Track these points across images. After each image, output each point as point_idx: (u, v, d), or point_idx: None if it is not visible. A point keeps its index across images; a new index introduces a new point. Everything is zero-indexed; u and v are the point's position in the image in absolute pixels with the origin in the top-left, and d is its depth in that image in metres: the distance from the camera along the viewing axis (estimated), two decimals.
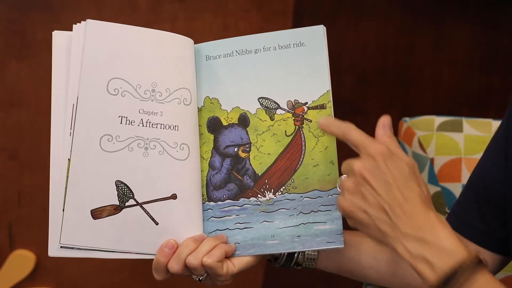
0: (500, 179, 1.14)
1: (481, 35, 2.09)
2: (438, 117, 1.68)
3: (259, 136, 1.11)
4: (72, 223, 1.06)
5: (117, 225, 1.06)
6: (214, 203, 1.11)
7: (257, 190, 1.10)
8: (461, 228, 1.19)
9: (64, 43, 1.07)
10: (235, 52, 1.12)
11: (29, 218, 2.10)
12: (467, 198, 1.20)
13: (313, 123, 1.10)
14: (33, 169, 2.08)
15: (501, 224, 1.14)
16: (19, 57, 2.01)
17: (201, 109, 1.12)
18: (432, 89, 2.15)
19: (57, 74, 1.07)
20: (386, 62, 2.13)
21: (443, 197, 1.64)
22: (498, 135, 1.17)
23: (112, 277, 2.17)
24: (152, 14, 2.01)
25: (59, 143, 1.06)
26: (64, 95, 1.06)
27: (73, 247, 1.06)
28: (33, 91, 2.03)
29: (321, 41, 1.10)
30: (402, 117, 1.77)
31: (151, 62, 1.08)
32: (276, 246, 1.09)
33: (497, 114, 1.60)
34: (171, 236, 1.08)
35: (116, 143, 1.06)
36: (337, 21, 2.09)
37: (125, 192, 1.07)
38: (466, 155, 1.62)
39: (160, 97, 1.08)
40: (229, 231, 1.10)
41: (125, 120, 1.07)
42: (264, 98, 1.11)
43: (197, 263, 1.05)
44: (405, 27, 2.11)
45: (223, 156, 1.12)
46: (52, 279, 2.16)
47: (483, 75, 2.12)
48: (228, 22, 2.04)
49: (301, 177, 1.09)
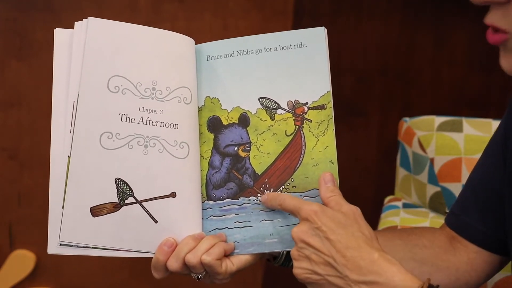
0: (498, 180, 1.14)
1: (481, 35, 2.09)
2: (438, 117, 1.68)
3: (259, 136, 1.11)
4: (72, 220, 1.06)
5: (116, 222, 1.07)
6: (214, 202, 1.11)
7: (257, 189, 1.10)
8: (460, 229, 1.19)
9: (65, 41, 1.07)
10: (236, 53, 1.12)
11: (29, 218, 2.10)
12: (466, 198, 1.20)
13: (313, 123, 1.10)
14: (33, 169, 2.08)
15: (500, 224, 1.14)
16: (19, 57, 2.02)
17: (202, 108, 1.12)
18: (432, 89, 2.15)
19: (58, 71, 1.07)
20: (386, 62, 2.13)
21: (443, 197, 1.64)
22: (496, 136, 1.17)
23: (112, 277, 2.17)
24: (152, 14, 2.01)
25: (59, 140, 1.06)
26: (65, 93, 1.06)
27: (72, 245, 1.06)
28: (33, 91, 2.03)
29: (322, 42, 1.10)
30: (402, 117, 1.77)
31: (152, 60, 1.08)
32: (275, 244, 1.09)
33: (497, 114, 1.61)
34: (170, 234, 1.08)
35: (116, 140, 1.07)
36: (337, 21, 2.10)
37: (125, 190, 1.07)
38: (466, 155, 1.62)
39: (161, 96, 1.08)
40: (228, 230, 1.10)
41: (125, 118, 1.07)
42: (265, 98, 1.11)
43: (196, 261, 1.05)
44: (405, 27, 2.11)
45: (223, 155, 1.12)
46: (52, 279, 2.17)
47: (483, 75, 2.12)
48: (228, 22, 2.04)
49: (301, 176, 1.09)
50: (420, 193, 1.68)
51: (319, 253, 0.99)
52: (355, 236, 0.98)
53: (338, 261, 0.97)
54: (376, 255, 0.96)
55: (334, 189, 1.04)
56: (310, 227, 0.99)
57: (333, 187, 1.05)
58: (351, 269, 0.96)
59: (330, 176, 1.06)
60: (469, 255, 1.18)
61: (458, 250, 1.18)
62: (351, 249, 0.97)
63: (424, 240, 1.20)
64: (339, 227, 0.98)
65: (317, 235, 0.99)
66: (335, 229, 0.98)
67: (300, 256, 1.00)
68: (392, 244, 1.18)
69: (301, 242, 1.00)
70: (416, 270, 1.17)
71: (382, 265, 0.96)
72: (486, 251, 1.17)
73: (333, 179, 1.06)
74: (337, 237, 0.98)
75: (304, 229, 1.00)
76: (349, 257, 0.97)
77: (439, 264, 1.18)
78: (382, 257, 0.96)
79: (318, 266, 0.99)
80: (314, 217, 0.99)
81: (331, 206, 1.02)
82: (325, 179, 1.05)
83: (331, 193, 1.04)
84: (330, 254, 0.98)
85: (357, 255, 0.97)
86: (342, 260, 0.97)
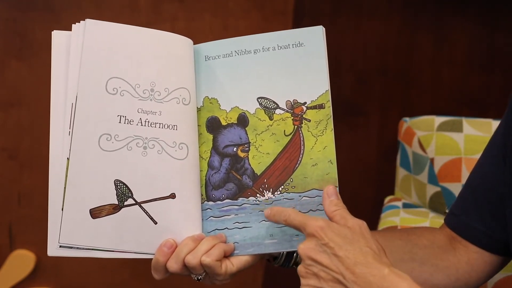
0: (498, 181, 1.14)
1: (481, 35, 2.09)
2: (438, 117, 1.68)
3: (258, 136, 1.11)
4: (71, 222, 1.06)
5: (116, 224, 1.07)
6: (213, 203, 1.11)
7: (256, 190, 1.10)
8: (460, 229, 1.19)
9: (63, 43, 1.07)
10: (234, 52, 1.12)
11: (29, 218, 2.10)
12: (466, 198, 1.20)
13: (312, 123, 1.10)
14: (33, 169, 2.08)
15: (500, 225, 1.14)
16: (19, 57, 2.02)
17: (200, 109, 1.12)
18: (432, 89, 2.15)
19: (56, 73, 1.07)
20: (386, 62, 2.13)
21: (443, 197, 1.64)
22: (496, 137, 1.17)
23: (112, 277, 2.17)
24: (152, 14, 2.01)
25: (58, 142, 1.06)
26: (63, 95, 1.07)
27: (72, 247, 1.06)
28: (33, 91, 2.03)
29: (320, 41, 1.10)
30: (402, 117, 1.77)
31: (150, 61, 1.08)
32: (275, 245, 1.09)
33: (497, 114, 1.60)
34: (170, 236, 1.08)
35: (115, 142, 1.07)
36: (337, 21, 2.10)
37: (124, 191, 1.07)
38: (466, 155, 1.62)
39: (159, 97, 1.08)
40: (228, 230, 1.10)
41: (124, 120, 1.07)
42: (263, 98, 1.11)
43: (195, 262, 1.05)
44: (405, 27, 2.11)
45: (222, 156, 1.12)
46: (52, 279, 2.17)
47: (483, 75, 2.11)
48: (228, 22, 2.04)
49: (300, 176, 1.09)
50: (420, 193, 1.68)
51: (328, 270, 0.97)
52: (363, 251, 0.97)
53: (348, 278, 0.95)
54: (386, 270, 0.95)
55: (338, 202, 1.03)
56: (317, 243, 0.98)
57: (337, 200, 1.03)
58: (361, 285, 0.95)
59: (333, 189, 1.05)
60: (469, 255, 1.18)
61: (458, 250, 1.18)
62: (360, 265, 0.95)
63: (424, 240, 1.20)
64: (346, 243, 0.97)
65: (325, 251, 0.97)
66: (343, 245, 0.97)
67: (308, 273, 0.99)
68: (392, 244, 1.18)
69: (308, 259, 0.98)
70: (416, 270, 1.17)
71: (393, 280, 0.94)
72: (486, 252, 1.17)
73: (336, 192, 1.05)
74: (345, 253, 0.96)
75: (311, 246, 0.98)
76: (359, 273, 0.95)
77: (439, 264, 1.18)
78: (393, 272, 0.95)
79: (326, 283, 0.97)
80: (321, 233, 0.98)
81: (336, 220, 1.01)
82: (328, 193, 1.04)
83: (335, 207, 1.02)
84: (339, 271, 0.96)
85: (366, 271, 0.95)
86: (351, 277, 0.95)
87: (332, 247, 0.97)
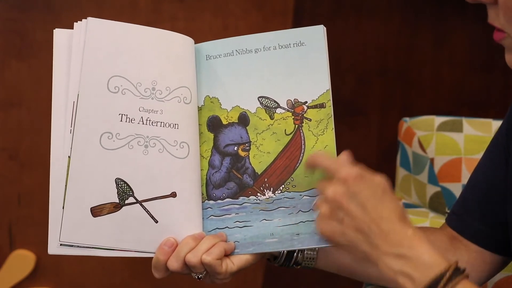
0: (500, 180, 1.14)
1: (481, 35, 2.09)
2: (438, 117, 1.68)
3: (259, 135, 1.11)
4: (72, 220, 1.05)
5: (117, 222, 1.06)
6: (214, 202, 1.11)
7: (257, 189, 1.10)
8: (461, 228, 1.19)
9: (65, 41, 1.07)
10: (235, 52, 1.12)
11: (29, 218, 2.10)
12: (467, 198, 1.20)
13: (313, 122, 1.10)
14: (33, 169, 2.08)
15: (501, 225, 1.14)
16: (19, 57, 2.02)
17: (201, 108, 1.12)
18: (432, 89, 2.15)
19: (58, 72, 1.07)
20: (386, 62, 2.13)
21: (443, 197, 1.64)
22: (498, 137, 1.17)
23: (112, 277, 2.17)
24: (152, 14, 2.01)
25: (59, 140, 1.06)
26: (65, 93, 1.06)
27: (73, 245, 1.06)
28: (33, 91, 2.03)
29: (321, 40, 1.10)
30: (402, 117, 1.77)
31: (151, 60, 1.08)
32: (275, 244, 1.09)
33: (497, 114, 1.61)
34: (171, 234, 1.08)
35: (116, 140, 1.07)
36: (337, 21, 2.10)
37: (125, 190, 1.07)
38: (466, 155, 1.62)
39: (160, 96, 1.08)
40: (229, 229, 1.10)
41: (125, 118, 1.07)
42: (264, 97, 1.11)
43: (196, 261, 1.05)
44: (405, 27, 2.11)
45: (223, 155, 1.12)
46: (52, 279, 2.16)
47: (483, 75, 2.12)
48: (228, 22, 2.04)
49: (301, 175, 1.09)
50: (420, 193, 1.68)
51: (353, 218, 0.98)
52: (390, 208, 0.97)
53: (373, 229, 0.96)
54: (410, 231, 0.96)
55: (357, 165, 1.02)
56: (348, 190, 0.98)
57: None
58: (383, 240, 0.96)
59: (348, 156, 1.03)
60: (469, 255, 1.18)
61: (458, 250, 1.18)
62: (386, 221, 0.97)
63: None
64: (375, 197, 0.98)
65: (354, 200, 0.98)
66: (372, 198, 0.98)
67: (332, 215, 0.99)
68: None
69: (336, 203, 0.99)
70: None
71: (414, 241, 0.95)
72: (487, 251, 1.17)
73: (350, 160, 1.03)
74: (373, 206, 0.97)
75: (341, 191, 0.99)
76: (383, 227, 0.96)
77: None
78: (415, 233, 0.96)
79: (349, 230, 0.98)
80: (352, 181, 0.98)
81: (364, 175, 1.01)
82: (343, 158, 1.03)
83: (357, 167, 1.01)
84: (365, 222, 0.97)
85: (391, 227, 0.96)
86: (376, 230, 0.96)
87: (362, 197, 0.97)
